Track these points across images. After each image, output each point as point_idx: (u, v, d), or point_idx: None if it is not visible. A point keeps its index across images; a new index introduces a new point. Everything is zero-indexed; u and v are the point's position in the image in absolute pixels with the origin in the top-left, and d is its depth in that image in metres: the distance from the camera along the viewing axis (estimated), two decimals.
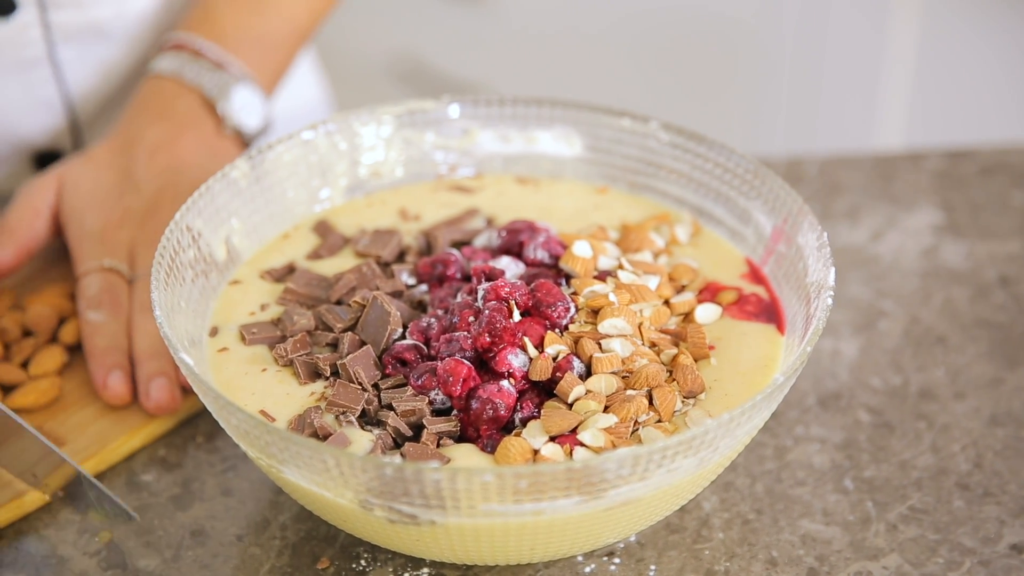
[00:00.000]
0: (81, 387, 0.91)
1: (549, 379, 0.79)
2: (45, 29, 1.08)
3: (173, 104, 1.02)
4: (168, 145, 1.00)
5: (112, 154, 1.00)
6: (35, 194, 0.98)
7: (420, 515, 0.73)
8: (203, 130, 1.02)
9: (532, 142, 0.97)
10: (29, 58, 1.09)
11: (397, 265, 0.89)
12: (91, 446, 0.87)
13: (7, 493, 0.83)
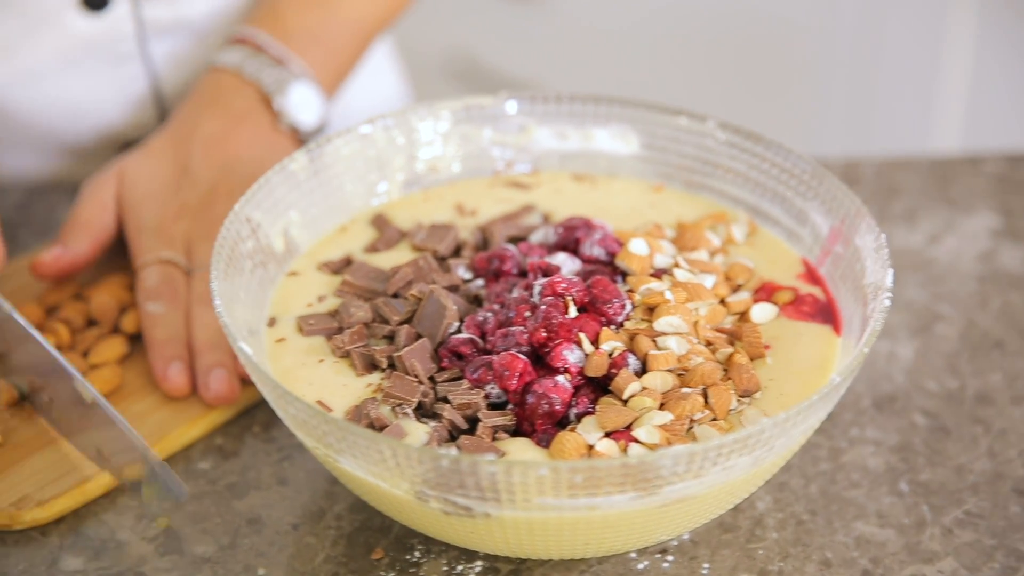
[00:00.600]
0: (141, 376, 0.92)
1: (604, 375, 0.80)
2: (138, 24, 1.09)
3: (231, 98, 1.03)
4: (224, 138, 1.01)
5: (169, 147, 1.01)
6: (99, 188, 0.99)
7: (475, 507, 0.73)
8: (259, 125, 1.02)
9: (589, 139, 0.98)
10: (121, 52, 1.11)
11: (453, 259, 0.89)
12: (151, 435, 0.88)
13: (71, 479, 0.84)
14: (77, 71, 1.11)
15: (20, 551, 0.82)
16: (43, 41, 1.08)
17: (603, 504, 0.72)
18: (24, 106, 1.11)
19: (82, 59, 1.10)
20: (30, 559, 0.81)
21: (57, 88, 1.11)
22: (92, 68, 1.11)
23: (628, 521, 0.74)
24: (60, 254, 0.96)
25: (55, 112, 1.12)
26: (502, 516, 0.73)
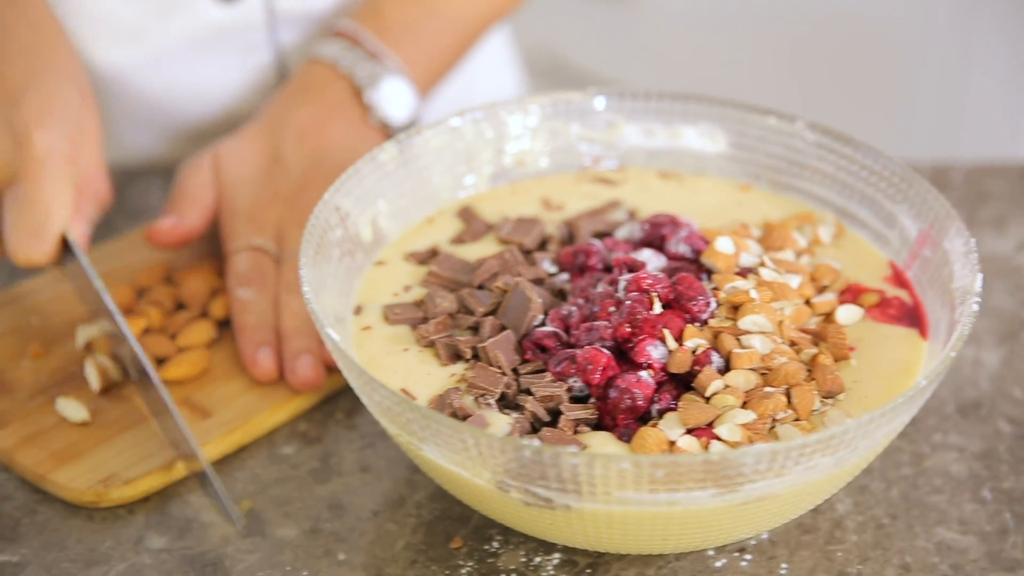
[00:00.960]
0: (228, 360, 0.93)
1: (687, 372, 0.80)
2: (268, 14, 1.11)
3: (324, 90, 1.04)
4: (316, 129, 1.02)
5: (262, 135, 1.02)
6: (197, 169, 1.01)
7: (555, 499, 0.74)
8: (350, 118, 1.03)
9: (676, 137, 0.98)
10: (250, 41, 1.13)
11: (539, 253, 0.89)
12: (236, 419, 0.89)
13: (157, 460, 0.86)
14: (206, 56, 1.13)
15: (107, 528, 0.83)
16: (175, 26, 1.11)
17: (683, 500, 0.73)
18: (152, 87, 1.13)
19: (211, 45, 1.12)
20: (116, 536, 0.83)
21: (185, 71, 1.13)
22: (220, 54, 1.13)
23: (707, 518, 0.74)
24: (176, 223, 0.98)
25: (181, 94, 1.14)
26: (582, 508, 0.74)
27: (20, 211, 0.86)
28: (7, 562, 0.81)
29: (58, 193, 0.86)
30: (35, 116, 0.85)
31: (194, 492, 0.86)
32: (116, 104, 1.13)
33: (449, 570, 0.81)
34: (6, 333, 0.95)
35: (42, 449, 0.86)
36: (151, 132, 1.16)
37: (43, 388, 0.91)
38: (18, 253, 0.86)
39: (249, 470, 0.87)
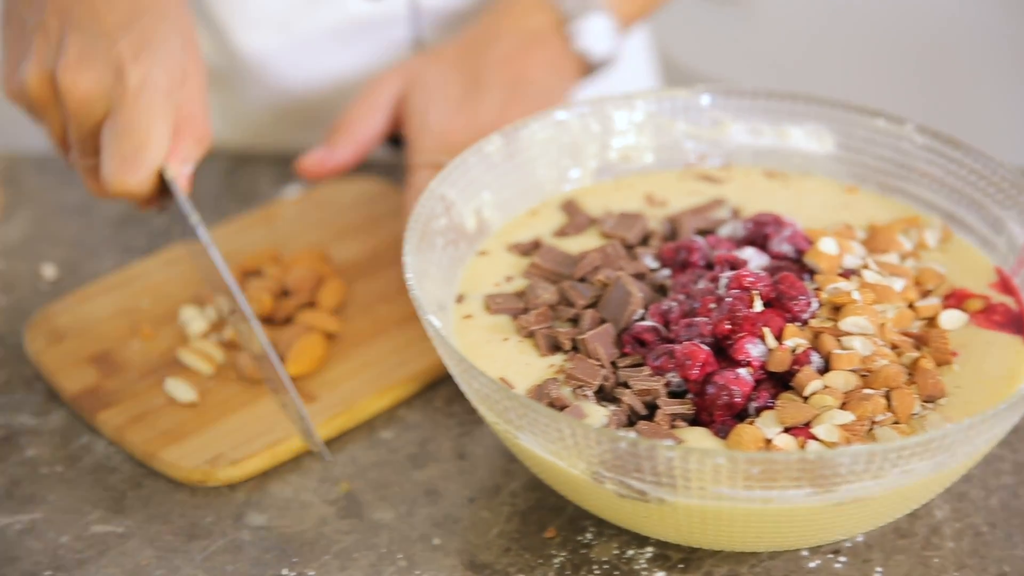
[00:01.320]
0: (335, 346, 0.94)
1: (786, 371, 0.80)
2: (413, 11, 1.13)
3: (527, 18, 1.05)
4: (517, 57, 1.03)
5: (462, 55, 1.04)
6: (376, 89, 1.03)
7: (650, 492, 0.74)
8: (551, 49, 1.04)
9: (783, 137, 0.97)
10: (392, 37, 1.15)
11: (641, 248, 0.90)
12: (340, 404, 0.90)
13: (263, 441, 0.87)
14: (346, 48, 1.15)
15: (209, 504, 0.85)
16: (319, 16, 1.13)
17: (778, 498, 0.73)
18: (291, 75, 1.15)
19: (353, 37, 1.14)
20: (218, 512, 0.85)
21: (325, 61, 1.15)
22: (361, 46, 1.15)
23: (801, 517, 0.74)
24: (324, 158, 1.01)
25: (318, 84, 1.16)
26: (676, 503, 0.74)
27: (115, 139, 0.85)
28: (112, 532, 0.83)
29: (154, 123, 0.86)
30: (131, 51, 0.86)
31: (294, 472, 0.87)
32: (253, 89, 1.15)
33: (542, 559, 0.81)
34: (118, 314, 0.97)
35: (151, 428, 0.88)
36: (282, 119, 1.17)
37: (153, 369, 0.93)
38: (113, 181, 0.85)
39: (349, 453, 0.88)
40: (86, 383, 0.91)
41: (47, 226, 1.08)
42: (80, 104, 0.85)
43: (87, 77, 0.85)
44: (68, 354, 0.93)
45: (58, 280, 1.03)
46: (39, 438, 0.89)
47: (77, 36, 0.86)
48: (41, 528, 0.83)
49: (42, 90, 0.87)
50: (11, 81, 0.89)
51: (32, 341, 0.94)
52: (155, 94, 0.85)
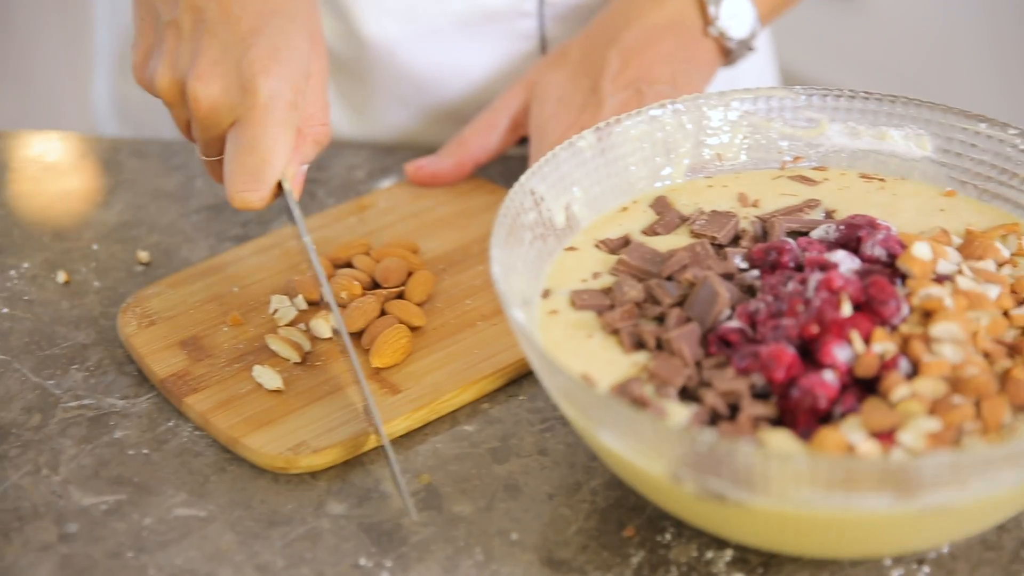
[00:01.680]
0: (421, 339, 0.95)
1: (873, 376, 0.78)
2: (541, 4, 1.13)
3: (663, 3, 1.05)
4: (644, 48, 1.02)
5: (586, 55, 1.04)
6: (501, 103, 1.05)
7: (729, 494, 0.73)
8: (687, 29, 1.04)
9: (881, 139, 0.96)
10: (519, 29, 1.15)
11: (731, 248, 0.89)
12: (424, 396, 0.90)
13: (346, 431, 0.88)
14: (473, 38, 1.15)
15: (291, 491, 0.86)
16: (448, 6, 1.14)
17: (859, 504, 0.71)
18: (417, 63, 1.16)
19: (481, 27, 1.15)
20: (299, 500, 0.85)
21: (451, 51, 1.16)
22: (488, 38, 1.15)
23: (883, 525, 0.73)
24: (423, 165, 1.05)
25: (444, 73, 1.17)
26: (755, 506, 0.73)
27: (241, 154, 0.88)
28: (194, 516, 0.84)
29: (279, 139, 0.88)
30: (262, 62, 0.87)
31: (376, 463, 0.87)
32: (378, 78, 1.16)
33: (620, 558, 0.81)
34: (208, 300, 0.98)
35: (237, 414, 0.89)
36: (405, 109, 1.18)
37: (240, 355, 0.94)
38: (235, 196, 0.88)
39: (431, 445, 0.89)
40: (175, 367, 0.92)
41: (144, 211, 1.10)
42: (207, 113, 0.88)
43: (216, 88, 0.87)
44: (159, 338, 0.95)
45: (152, 265, 1.04)
46: (127, 420, 0.90)
47: (209, 41, 0.88)
48: (125, 509, 0.84)
49: (171, 92, 0.90)
50: (142, 71, 0.92)
51: (124, 325, 0.96)
52: (281, 108, 0.88)
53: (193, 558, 0.82)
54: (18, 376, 0.94)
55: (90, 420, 0.90)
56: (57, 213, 1.10)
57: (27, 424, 0.90)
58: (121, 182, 1.13)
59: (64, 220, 1.09)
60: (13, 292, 1.01)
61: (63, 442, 0.89)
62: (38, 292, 1.01)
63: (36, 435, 0.89)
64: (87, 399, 0.92)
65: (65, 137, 1.20)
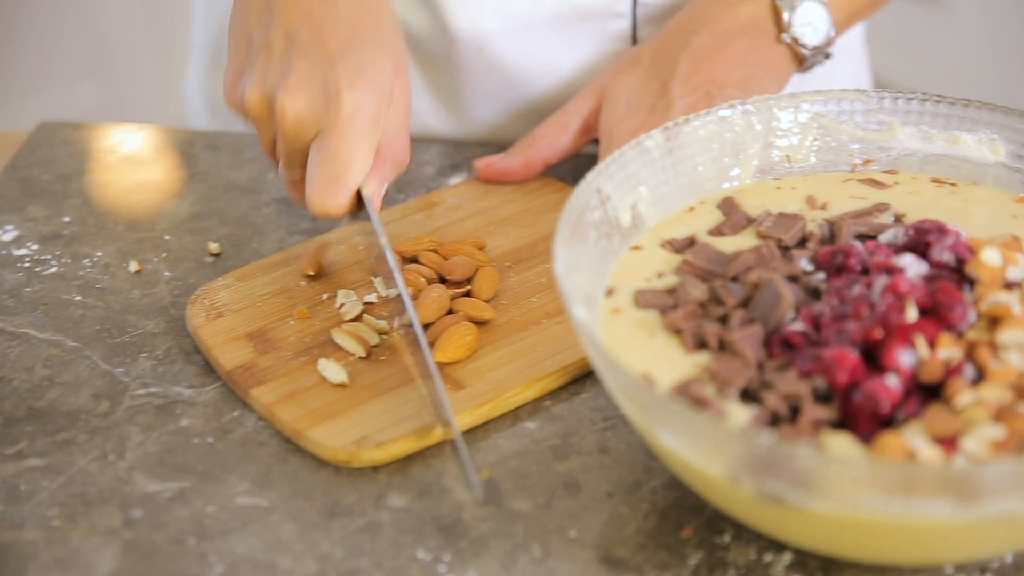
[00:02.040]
0: (485, 335, 0.95)
1: (937, 382, 0.77)
2: (633, 5, 1.13)
3: (739, 5, 1.04)
4: (715, 52, 1.02)
5: (657, 59, 1.04)
6: (574, 106, 1.06)
7: (788, 497, 0.73)
8: (760, 33, 1.04)
9: (954, 143, 0.95)
10: (611, 29, 1.15)
11: (797, 250, 0.88)
12: (487, 393, 0.90)
13: (409, 426, 0.88)
14: (565, 38, 1.16)
15: (352, 483, 0.86)
16: (541, 3, 1.14)
17: (919, 510, 0.71)
18: (507, 58, 1.16)
19: (573, 28, 1.15)
20: (360, 492, 0.86)
21: (543, 50, 1.16)
22: (581, 38, 1.16)
23: (943, 532, 0.72)
24: (493, 162, 1.06)
25: (533, 69, 1.17)
26: (814, 509, 0.72)
27: (322, 163, 0.91)
28: (256, 505, 0.85)
29: (360, 149, 0.91)
30: (347, 78, 0.91)
31: (437, 457, 0.88)
32: (468, 74, 1.17)
33: (677, 559, 0.81)
34: (277, 293, 0.99)
35: (301, 406, 0.90)
36: (493, 105, 1.18)
37: (306, 348, 0.94)
38: (315, 203, 0.92)
39: (492, 441, 0.89)
40: (241, 359, 0.93)
41: (216, 203, 1.11)
42: (293, 124, 0.92)
43: (303, 100, 0.91)
44: (226, 330, 0.96)
45: (222, 256, 1.05)
46: (193, 409, 0.91)
47: (299, 60, 0.92)
48: (189, 497, 0.85)
49: (260, 108, 0.93)
50: (232, 93, 0.95)
51: (193, 316, 0.97)
52: (363, 121, 0.91)
53: (254, 547, 0.82)
54: (88, 363, 0.95)
55: (157, 408, 0.92)
56: (131, 203, 1.11)
57: (96, 411, 0.91)
58: (195, 174, 1.15)
59: (138, 210, 1.11)
60: (86, 280, 1.03)
61: (130, 429, 0.90)
62: (110, 281, 1.03)
63: (104, 421, 0.91)
64: (155, 387, 0.93)
65: (142, 129, 1.21)
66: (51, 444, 0.89)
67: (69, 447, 0.89)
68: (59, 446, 0.89)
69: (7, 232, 1.08)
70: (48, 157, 1.17)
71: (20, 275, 1.03)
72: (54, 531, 0.83)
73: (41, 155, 1.17)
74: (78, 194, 1.13)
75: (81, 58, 2.69)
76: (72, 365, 0.95)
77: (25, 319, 0.99)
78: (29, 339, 0.97)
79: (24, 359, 0.96)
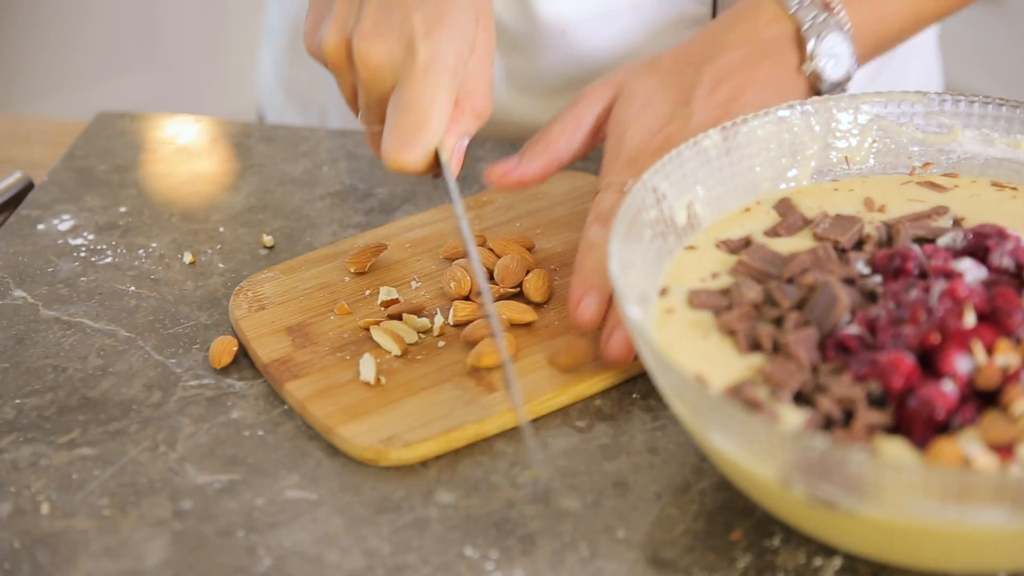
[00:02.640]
0: (523, 337, 0.94)
1: (994, 388, 0.76)
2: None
3: (764, 27, 1.02)
4: (740, 70, 1.00)
5: (680, 67, 1.01)
6: (586, 101, 1.01)
7: (839, 501, 0.72)
8: (782, 61, 1.01)
9: (1016, 147, 0.94)
10: (692, 13, 1.15)
11: (854, 253, 0.87)
12: (525, 394, 0.89)
13: (439, 426, 0.87)
14: (647, 20, 1.15)
15: (401, 479, 0.86)
16: None
17: (974, 518, 0.70)
18: (590, 44, 1.15)
19: (653, 10, 1.14)
20: (408, 487, 0.85)
21: (622, 33, 1.15)
22: (660, 21, 1.15)
23: (998, 540, 0.71)
24: (510, 170, 0.98)
25: (615, 55, 1.16)
26: (866, 514, 0.72)
27: (398, 114, 0.89)
28: (305, 499, 0.85)
29: (436, 102, 0.88)
30: (424, 26, 0.88)
31: (486, 454, 0.87)
32: (550, 57, 1.16)
33: (726, 561, 0.80)
34: (320, 287, 0.99)
35: (334, 402, 0.89)
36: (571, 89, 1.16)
37: (344, 344, 0.94)
38: (389, 156, 0.89)
39: (541, 439, 0.88)
40: (279, 352, 0.93)
41: (270, 195, 1.11)
42: (371, 73, 0.89)
43: (380, 48, 0.88)
44: (266, 323, 0.95)
45: (275, 249, 1.05)
46: (244, 401, 0.92)
47: (377, 4, 0.89)
48: (238, 489, 0.86)
49: (337, 54, 0.91)
50: (311, 39, 0.94)
51: (236, 308, 0.97)
52: (441, 72, 0.88)
53: (302, 540, 0.82)
54: (141, 353, 0.96)
55: (208, 400, 0.92)
56: (186, 195, 1.12)
57: (147, 401, 0.92)
58: (249, 166, 1.15)
59: (193, 202, 1.11)
60: (141, 271, 1.03)
61: (181, 420, 0.90)
62: (164, 272, 1.03)
63: (156, 412, 0.91)
64: (206, 379, 0.93)
65: (199, 121, 1.22)
66: (103, 433, 0.89)
67: (121, 437, 0.89)
68: (111, 436, 0.89)
69: (64, 221, 1.08)
70: (105, 147, 1.18)
71: (76, 264, 1.04)
72: (105, 520, 0.84)
73: (99, 145, 1.18)
74: (134, 184, 1.13)
75: (136, 48, 2.71)
76: (125, 355, 0.95)
77: (80, 308, 0.99)
78: (83, 328, 0.98)
79: (78, 348, 0.96)
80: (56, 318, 0.99)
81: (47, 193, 1.12)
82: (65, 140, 1.20)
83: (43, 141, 1.23)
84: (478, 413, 0.88)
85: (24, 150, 1.22)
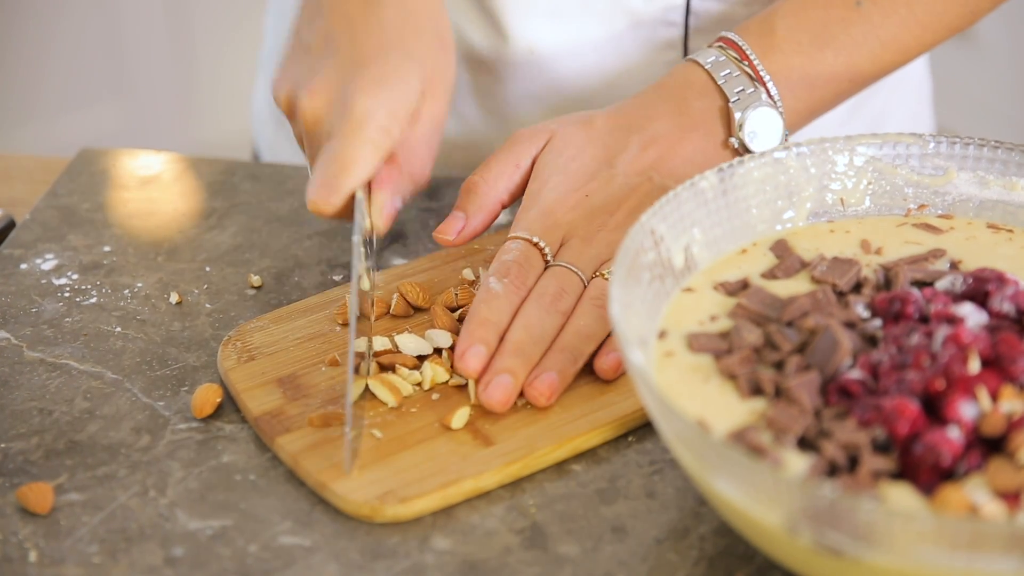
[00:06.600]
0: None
1: (1000, 435, 0.76)
2: (686, 15, 1.12)
3: (693, 99, 1.02)
4: (668, 142, 1.00)
5: (611, 129, 1.02)
6: (523, 144, 1.01)
7: (847, 549, 0.71)
8: (710, 135, 1.01)
9: (1011, 189, 0.94)
10: (664, 39, 1.15)
11: (853, 296, 0.87)
12: (517, 451, 0.88)
13: (436, 481, 0.86)
14: (617, 46, 1.15)
15: (396, 525, 0.85)
16: (594, 11, 1.14)
17: (983, 566, 0.69)
18: (559, 67, 1.16)
19: (624, 32, 1.14)
20: (404, 533, 0.84)
21: (593, 57, 1.15)
22: (631, 47, 1.15)
23: None
24: (460, 229, 0.99)
25: (582, 72, 1.16)
26: (874, 563, 0.71)
27: (323, 163, 0.91)
28: (299, 545, 0.83)
29: (361, 154, 0.91)
30: (364, 85, 0.92)
31: (483, 499, 0.86)
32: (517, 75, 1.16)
33: None
34: (310, 338, 0.97)
35: (325, 458, 0.87)
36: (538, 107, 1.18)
37: (336, 397, 0.92)
38: (310, 200, 0.91)
39: (537, 483, 0.87)
40: (270, 405, 0.91)
41: (257, 235, 1.10)
42: (311, 125, 0.94)
43: (321, 101, 0.93)
44: (256, 374, 0.94)
45: (263, 289, 1.04)
46: (235, 444, 0.90)
47: (330, 63, 0.93)
48: (231, 535, 0.84)
49: (286, 104, 0.96)
50: (273, 85, 0.98)
51: (225, 359, 0.95)
52: (372, 128, 0.91)
53: None
54: (129, 396, 0.94)
55: (198, 444, 0.90)
56: (172, 234, 1.10)
57: (136, 445, 0.90)
58: (235, 205, 1.14)
59: (178, 241, 1.10)
60: (127, 312, 1.02)
61: (171, 464, 0.89)
62: (151, 312, 1.02)
63: (145, 456, 0.89)
64: (196, 422, 0.92)
65: (184, 159, 1.20)
66: (91, 478, 0.88)
67: (110, 482, 0.87)
68: (99, 480, 0.88)
69: (47, 261, 1.07)
70: (88, 185, 1.16)
71: (60, 305, 1.02)
72: (95, 568, 0.82)
73: (81, 183, 1.16)
74: (118, 223, 1.12)
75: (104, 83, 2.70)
76: (112, 398, 0.94)
77: (65, 350, 0.98)
78: (69, 370, 0.96)
79: (64, 391, 0.94)
80: (41, 360, 0.97)
81: (30, 232, 1.10)
82: (47, 177, 1.19)
83: (24, 178, 1.22)
84: (475, 467, 0.87)
85: (4, 187, 1.20)
